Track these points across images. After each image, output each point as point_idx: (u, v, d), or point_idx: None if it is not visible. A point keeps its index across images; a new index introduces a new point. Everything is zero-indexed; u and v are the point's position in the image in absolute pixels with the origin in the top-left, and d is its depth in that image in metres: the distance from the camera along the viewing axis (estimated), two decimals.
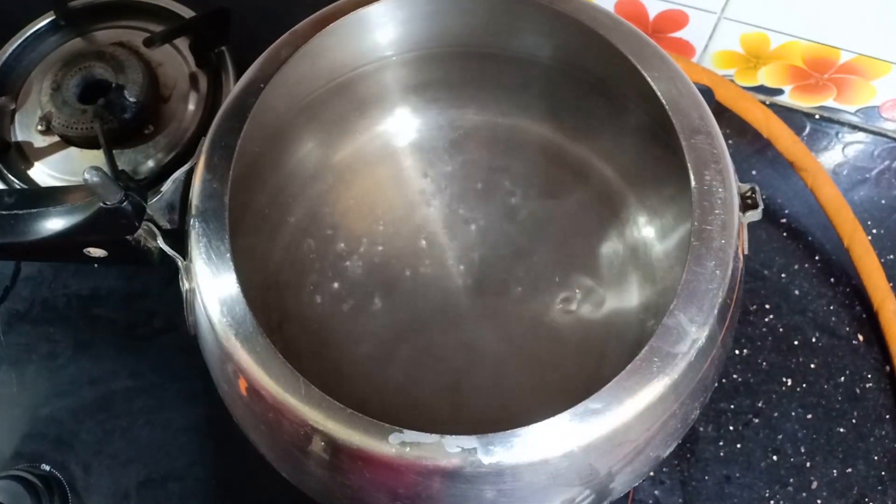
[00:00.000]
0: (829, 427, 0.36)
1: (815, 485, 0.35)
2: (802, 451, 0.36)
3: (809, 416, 0.36)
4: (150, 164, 0.39)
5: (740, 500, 0.35)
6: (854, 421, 0.36)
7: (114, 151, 0.37)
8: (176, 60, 0.42)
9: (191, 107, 0.40)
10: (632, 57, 0.28)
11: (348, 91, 0.35)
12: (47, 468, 0.36)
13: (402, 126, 0.39)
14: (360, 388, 0.33)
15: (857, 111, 0.43)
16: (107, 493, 0.36)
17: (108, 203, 0.33)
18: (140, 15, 0.43)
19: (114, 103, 0.39)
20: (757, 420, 0.36)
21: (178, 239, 0.28)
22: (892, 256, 0.40)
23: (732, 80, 0.44)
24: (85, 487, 0.36)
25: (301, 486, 0.28)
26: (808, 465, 0.35)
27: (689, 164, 0.26)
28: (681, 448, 0.35)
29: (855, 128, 0.44)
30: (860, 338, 0.38)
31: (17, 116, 0.41)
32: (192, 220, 0.27)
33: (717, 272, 0.24)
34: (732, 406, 0.37)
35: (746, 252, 0.28)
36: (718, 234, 0.25)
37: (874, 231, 0.41)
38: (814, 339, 0.38)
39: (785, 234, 0.41)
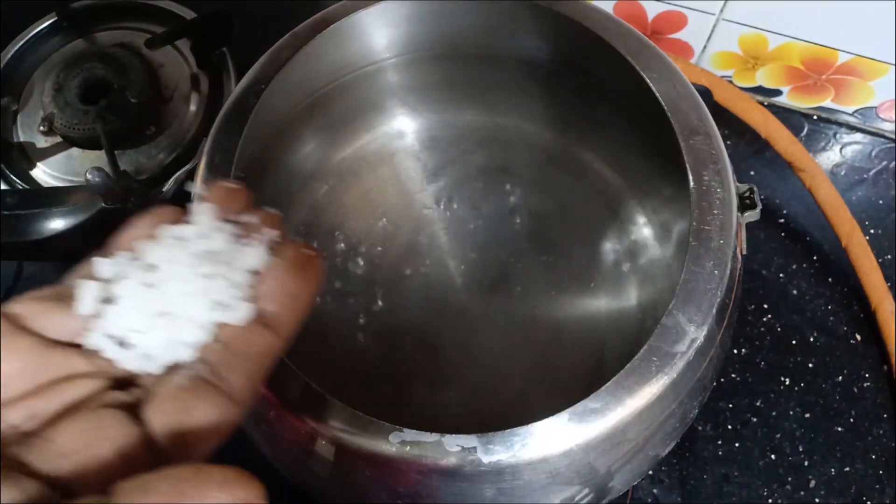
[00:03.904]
0: (827, 426, 0.36)
1: (813, 483, 0.35)
2: (801, 449, 0.36)
3: (807, 416, 0.37)
4: (152, 164, 0.39)
5: (739, 499, 0.35)
6: (852, 420, 0.36)
7: (115, 152, 0.37)
8: (177, 62, 0.42)
9: (192, 108, 0.40)
10: (630, 58, 0.28)
11: (349, 92, 0.35)
12: None
13: (402, 127, 0.39)
14: (360, 387, 0.33)
15: (855, 112, 0.44)
16: None
17: (109, 203, 0.34)
18: (141, 16, 0.43)
19: (115, 104, 0.39)
20: (755, 419, 0.36)
21: None
22: (889, 256, 0.40)
23: (731, 81, 0.44)
24: None
25: (302, 485, 0.28)
26: (806, 463, 0.36)
27: (687, 165, 0.26)
28: (679, 447, 0.36)
29: (853, 128, 0.44)
30: (858, 337, 0.38)
31: (19, 117, 0.41)
32: None
33: (716, 272, 0.25)
34: (731, 405, 0.37)
35: (745, 252, 0.28)
36: (717, 234, 0.25)
37: (872, 231, 0.41)
38: (812, 339, 0.38)
39: (783, 234, 0.41)
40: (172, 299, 0.17)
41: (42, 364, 0.16)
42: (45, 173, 0.40)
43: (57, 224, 0.35)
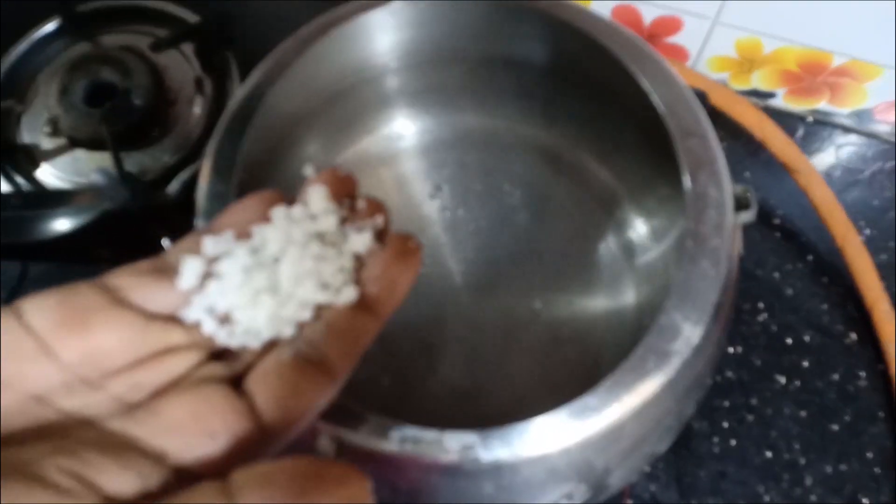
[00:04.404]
0: (823, 424, 0.37)
1: (809, 481, 0.35)
2: (796, 447, 0.36)
3: (803, 414, 0.37)
4: (157, 166, 0.39)
5: (735, 496, 0.35)
6: (847, 418, 0.37)
7: (120, 154, 0.38)
8: (182, 64, 0.42)
9: (196, 110, 0.41)
10: (627, 62, 0.29)
11: (351, 95, 0.36)
12: None
13: (403, 129, 0.40)
14: (360, 386, 0.34)
15: (850, 114, 0.44)
16: None
17: (114, 204, 0.34)
18: (146, 20, 0.44)
19: (120, 107, 0.39)
20: (751, 417, 0.37)
21: None
22: (884, 256, 0.40)
23: (726, 84, 0.45)
24: None
25: None
26: (801, 461, 0.36)
27: (683, 167, 0.27)
28: (676, 444, 0.36)
29: (848, 130, 0.44)
30: (853, 336, 0.38)
31: (23, 119, 0.41)
32: (197, 222, 0.27)
33: (712, 272, 0.25)
34: (727, 403, 0.37)
35: (740, 252, 0.28)
36: (712, 234, 0.26)
37: (867, 231, 0.41)
38: (807, 338, 0.39)
39: (778, 234, 0.41)
40: (281, 278, 0.17)
41: (142, 337, 0.16)
42: (49, 174, 0.40)
43: (61, 225, 0.36)
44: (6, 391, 0.15)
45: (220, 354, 0.18)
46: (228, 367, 0.17)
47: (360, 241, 0.19)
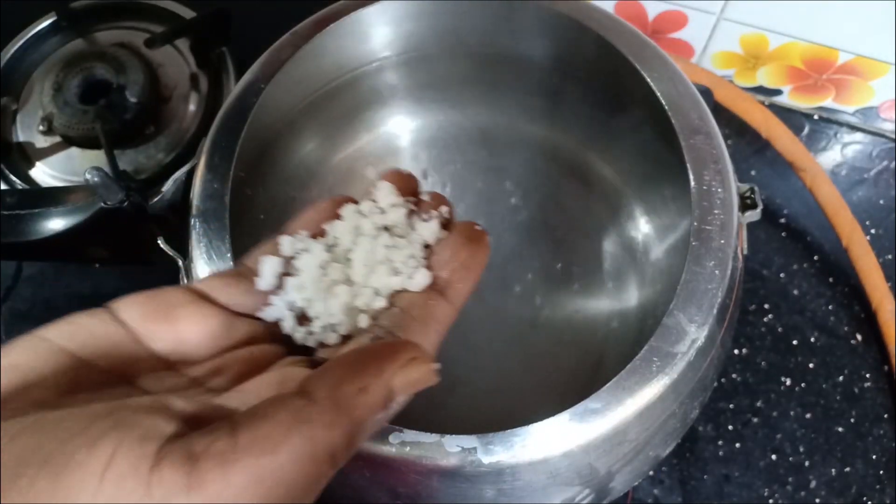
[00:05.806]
0: (828, 426, 0.36)
1: (813, 484, 0.35)
2: (801, 450, 0.36)
3: (808, 416, 0.37)
4: (151, 164, 0.39)
5: (739, 499, 0.35)
6: (852, 420, 0.36)
7: (115, 151, 0.37)
8: (177, 61, 0.42)
9: (191, 107, 0.40)
10: (631, 57, 0.28)
11: (349, 91, 0.35)
12: None
13: (402, 126, 0.39)
14: None
15: (856, 112, 0.44)
16: None
17: (108, 203, 0.33)
18: (141, 16, 0.43)
19: (115, 104, 0.39)
20: (756, 419, 0.36)
21: (179, 239, 0.28)
22: (890, 256, 0.40)
23: (731, 81, 0.44)
24: None
25: None
26: (806, 464, 0.36)
27: (688, 165, 0.26)
28: (680, 447, 0.36)
29: (853, 128, 0.44)
30: (859, 337, 0.38)
31: (18, 117, 0.41)
32: (192, 220, 0.27)
33: (717, 272, 0.24)
34: (732, 405, 0.37)
35: (745, 252, 0.28)
36: (718, 233, 0.25)
37: (872, 231, 0.41)
38: (812, 339, 0.38)
39: (784, 234, 0.41)
40: (354, 268, 0.18)
41: (227, 331, 0.17)
42: (44, 173, 0.40)
43: (56, 224, 0.35)
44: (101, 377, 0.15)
45: (301, 352, 0.18)
46: (308, 360, 0.18)
47: (428, 229, 0.19)
